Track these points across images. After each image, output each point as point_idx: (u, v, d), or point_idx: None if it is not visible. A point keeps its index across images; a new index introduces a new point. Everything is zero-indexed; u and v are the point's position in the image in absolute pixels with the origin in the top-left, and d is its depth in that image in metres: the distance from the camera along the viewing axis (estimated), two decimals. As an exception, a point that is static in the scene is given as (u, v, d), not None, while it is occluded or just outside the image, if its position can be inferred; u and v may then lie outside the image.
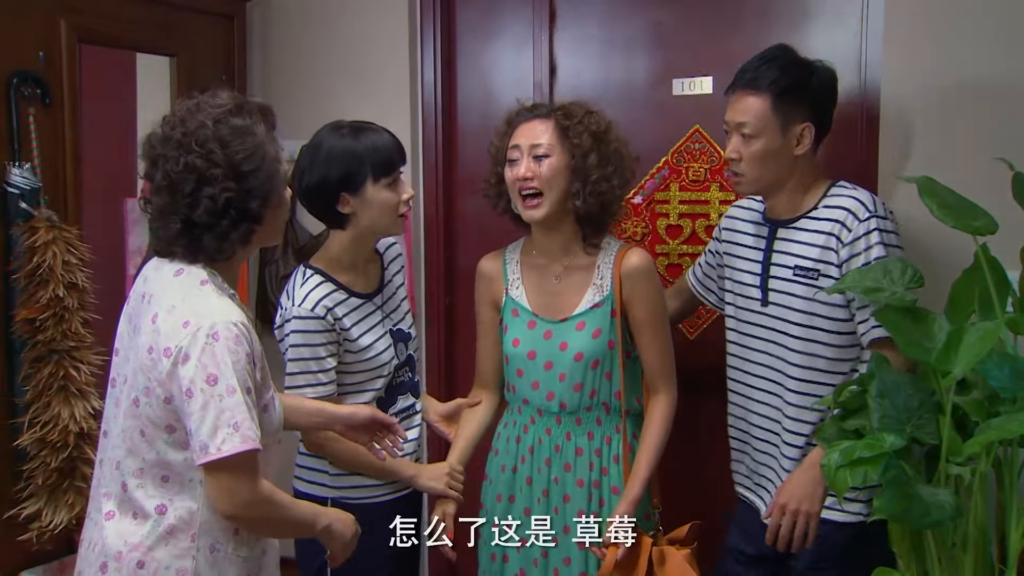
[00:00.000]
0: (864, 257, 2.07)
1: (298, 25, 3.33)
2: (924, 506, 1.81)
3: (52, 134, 2.61)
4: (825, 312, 2.13)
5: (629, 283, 2.23)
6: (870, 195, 2.16)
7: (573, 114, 2.21)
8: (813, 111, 2.15)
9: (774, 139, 2.13)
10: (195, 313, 1.62)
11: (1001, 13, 2.50)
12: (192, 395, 1.58)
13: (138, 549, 1.69)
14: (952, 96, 2.54)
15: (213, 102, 1.70)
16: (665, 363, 2.28)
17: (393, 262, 2.34)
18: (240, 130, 1.67)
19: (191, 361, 1.59)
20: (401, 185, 2.18)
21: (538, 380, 2.27)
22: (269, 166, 1.69)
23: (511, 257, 2.37)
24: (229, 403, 1.58)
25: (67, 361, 2.50)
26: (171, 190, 1.66)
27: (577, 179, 2.18)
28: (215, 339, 1.59)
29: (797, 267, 2.15)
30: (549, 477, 2.27)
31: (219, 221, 1.66)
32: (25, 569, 2.55)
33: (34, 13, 2.57)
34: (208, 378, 1.58)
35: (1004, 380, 1.90)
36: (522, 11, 3.12)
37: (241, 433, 1.58)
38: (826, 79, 2.19)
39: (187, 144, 1.64)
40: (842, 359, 2.15)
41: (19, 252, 2.47)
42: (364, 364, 2.17)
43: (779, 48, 2.19)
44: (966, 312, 2.10)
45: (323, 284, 2.15)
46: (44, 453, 2.48)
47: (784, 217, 2.21)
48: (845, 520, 2.10)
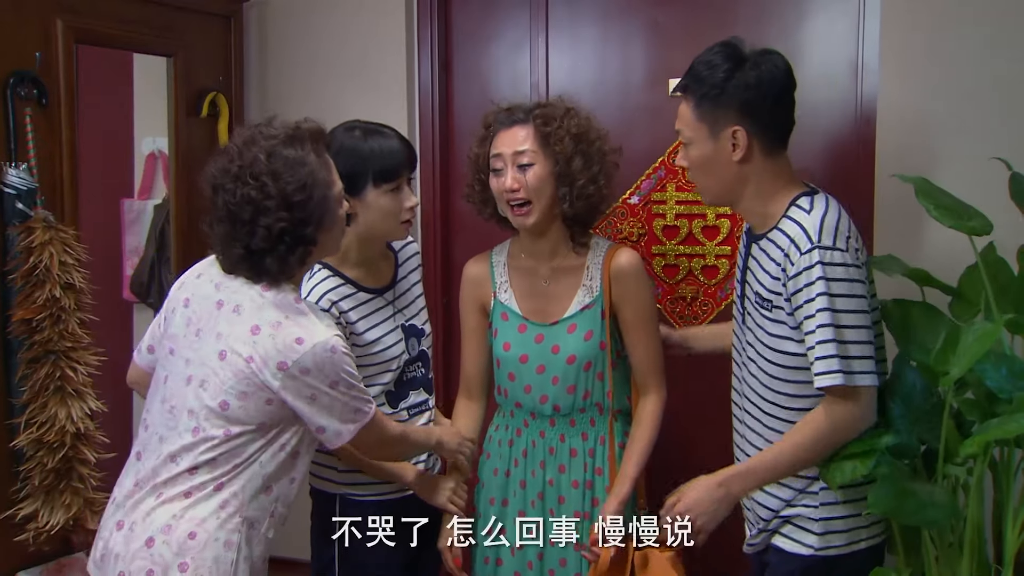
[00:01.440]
0: (806, 294, 1.82)
1: (295, 26, 3.34)
2: (919, 503, 1.81)
3: (49, 134, 2.60)
4: (775, 345, 1.93)
5: (618, 284, 2.23)
6: (820, 218, 1.86)
7: (552, 118, 2.18)
8: (742, 113, 1.89)
9: (705, 146, 1.94)
10: (308, 332, 1.80)
11: (996, 14, 2.51)
12: (316, 399, 1.82)
13: (191, 521, 1.79)
14: (948, 97, 2.55)
15: (267, 132, 1.84)
16: (654, 363, 2.26)
17: (409, 260, 2.35)
18: (292, 162, 1.81)
19: (312, 373, 1.80)
20: (405, 192, 2.16)
21: (531, 384, 2.26)
22: (320, 192, 1.83)
23: (498, 260, 2.35)
24: (350, 396, 1.85)
25: (64, 361, 2.50)
26: (231, 219, 1.81)
27: (563, 184, 2.16)
28: (333, 352, 1.81)
29: (757, 294, 1.96)
30: (544, 480, 2.26)
31: (276, 247, 1.81)
32: (22, 569, 2.55)
33: (31, 13, 2.57)
34: (331, 384, 1.82)
35: (1001, 380, 1.90)
36: (518, 12, 3.13)
37: (361, 413, 1.89)
38: (754, 78, 1.89)
39: (243, 177, 1.79)
40: (804, 395, 1.92)
41: (16, 252, 2.46)
42: (371, 358, 2.18)
43: (715, 45, 1.96)
44: (972, 311, 2.11)
45: (330, 278, 2.16)
46: (41, 454, 2.48)
47: (757, 231, 1.99)
48: (795, 551, 1.97)
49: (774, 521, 2.00)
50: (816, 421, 1.88)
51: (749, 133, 1.90)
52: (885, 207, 2.63)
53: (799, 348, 1.89)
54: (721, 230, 2.93)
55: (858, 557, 1.95)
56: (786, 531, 1.98)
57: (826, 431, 1.87)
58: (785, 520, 1.98)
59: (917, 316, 2.10)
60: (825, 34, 2.78)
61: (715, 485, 1.98)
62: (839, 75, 2.76)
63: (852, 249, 1.86)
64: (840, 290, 1.82)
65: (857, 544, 1.95)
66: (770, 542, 2.02)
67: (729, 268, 2.93)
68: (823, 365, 1.81)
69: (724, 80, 1.90)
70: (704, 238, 2.95)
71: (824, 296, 1.81)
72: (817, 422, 1.88)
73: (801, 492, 1.95)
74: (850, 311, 1.82)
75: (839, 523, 1.94)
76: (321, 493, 2.25)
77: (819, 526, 1.93)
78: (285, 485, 1.89)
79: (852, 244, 1.87)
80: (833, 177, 2.72)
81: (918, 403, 1.95)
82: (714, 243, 2.94)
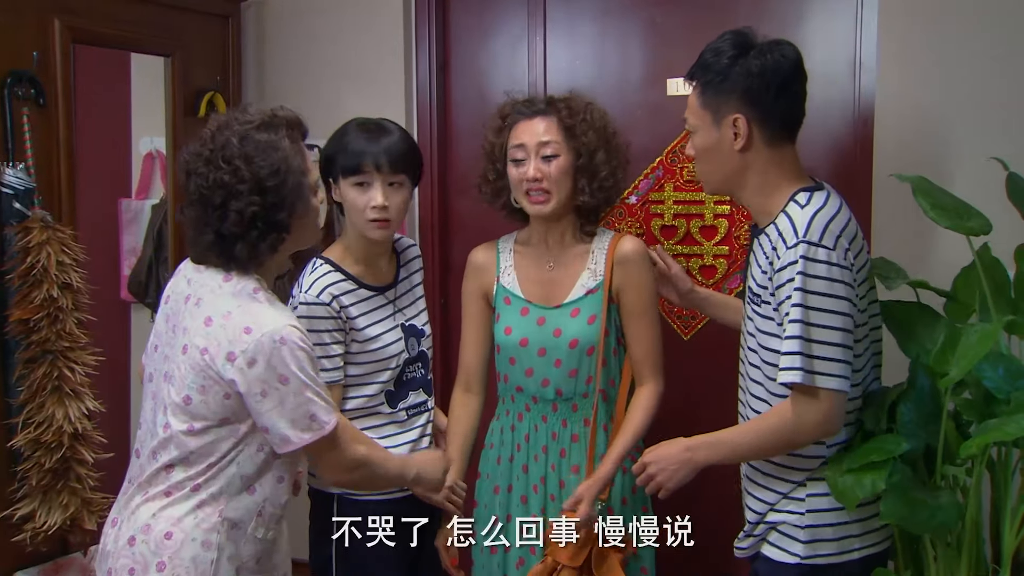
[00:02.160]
0: (786, 290, 1.80)
1: (293, 25, 3.33)
2: (928, 510, 1.81)
3: (46, 134, 2.60)
4: (765, 343, 1.92)
5: (621, 270, 2.23)
6: (812, 214, 1.83)
7: (575, 110, 2.22)
8: (743, 100, 1.88)
9: (708, 133, 1.92)
10: (256, 321, 1.74)
11: (995, 14, 2.51)
12: (267, 395, 1.74)
13: (168, 520, 1.78)
14: (947, 97, 2.55)
15: (242, 118, 1.82)
16: (653, 353, 2.26)
17: (412, 261, 2.36)
18: (264, 145, 1.78)
19: (259, 365, 1.72)
20: (370, 191, 2.14)
21: (532, 367, 2.26)
22: (294, 179, 1.80)
23: (504, 247, 2.36)
24: (303, 399, 1.76)
25: (61, 362, 2.50)
26: (202, 203, 1.78)
27: (583, 176, 2.20)
28: (282, 343, 1.73)
29: (750, 288, 1.96)
30: (546, 465, 2.26)
31: (248, 232, 1.77)
32: (19, 570, 2.55)
33: (28, 12, 2.57)
34: (280, 378, 1.74)
35: (998, 381, 1.90)
36: (516, 11, 3.13)
37: (318, 421, 1.79)
38: (758, 66, 1.87)
39: (215, 160, 1.77)
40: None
41: (13, 252, 2.46)
42: (370, 355, 2.18)
43: (725, 33, 1.96)
44: (967, 312, 2.10)
45: (331, 273, 2.17)
46: (38, 454, 2.48)
47: (761, 224, 1.96)
48: (782, 560, 1.95)
49: (760, 527, 1.99)
50: (780, 413, 1.88)
51: (750, 121, 1.88)
52: (883, 207, 2.63)
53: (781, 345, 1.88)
54: (719, 230, 2.92)
55: (850, 567, 1.92)
56: (773, 539, 1.97)
57: (788, 426, 1.86)
58: (771, 527, 1.97)
59: (918, 316, 2.10)
60: (823, 33, 2.78)
61: (683, 448, 1.97)
62: (838, 74, 2.76)
63: (842, 249, 1.82)
64: (817, 288, 1.79)
65: (849, 553, 1.92)
66: (759, 550, 2.01)
67: (727, 268, 2.93)
68: (787, 361, 1.80)
69: (727, 67, 1.89)
70: (702, 238, 2.95)
71: (800, 292, 1.78)
72: (782, 414, 1.87)
73: (785, 497, 1.94)
74: (823, 310, 1.79)
75: (828, 531, 1.91)
76: (319, 493, 2.24)
77: (805, 534, 1.91)
78: (271, 485, 1.86)
79: (843, 244, 1.83)
80: (831, 176, 2.69)
81: (927, 406, 1.93)
82: (712, 243, 2.94)
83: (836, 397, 1.81)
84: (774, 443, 1.90)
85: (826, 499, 1.89)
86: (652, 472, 1.99)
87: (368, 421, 2.20)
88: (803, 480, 1.92)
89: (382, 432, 2.21)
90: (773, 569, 1.96)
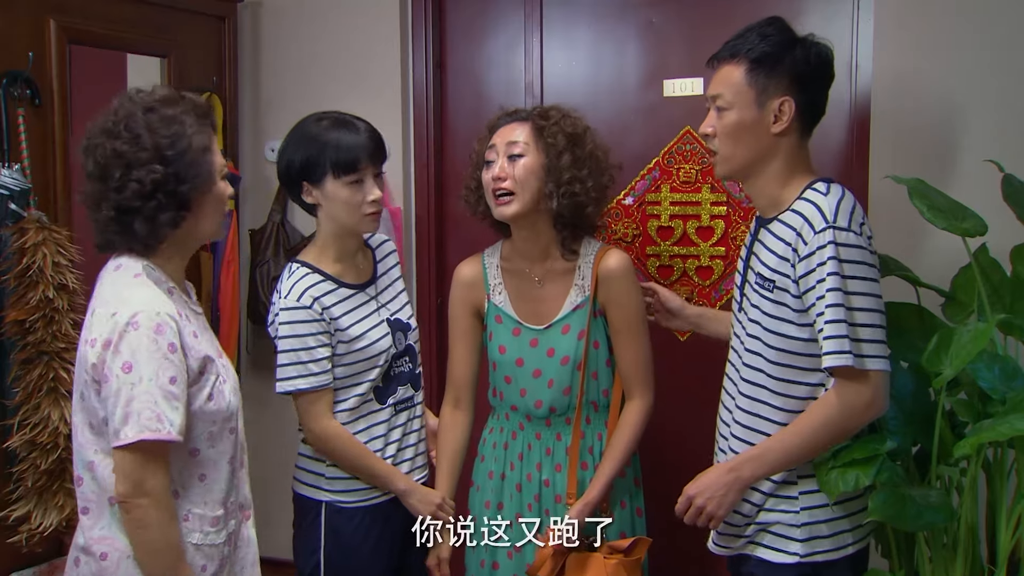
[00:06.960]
0: (818, 275, 1.81)
1: (289, 26, 3.33)
2: (917, 508, 1.81)
3: (42, 135, 2.60)
4: (774, 327, 1.91)
5: (605, 286, 2.23)
6: (836, 201, 1.85)
7: (550, 116, 2.21)
8: (794, 85, 1.90)
9: (748, 111, 1.91)
10: (121, 303, 1.67)
11: (991, 15, 2.51)
12: (108, 381, 1.64)
13: (101, 542, 1.73)
14: (943, 98, 2.55)
15: (147, 93, 1.76)
16: (640, 367, 2.24)
17: (387, 256, 2.34)
18: (169, 118, 1.72)
19: (110, 348, 1.64)
20: (367, 186, 2.14)
21: (526, 388, 2.26)
22: (196, 154, 1.73)
23: (490, 262, 2.35)
24: (139, 391, 1.63)
25: (57, 363, 2.49)
26: (102, 177, 1.71)
27: (551, 179, 2.17)
28: (134, 327, 1.64)
29: (759, 274, 1.94)
30: (540, 480, 2.26)
31: (147, 204, 1.69)
32: (14, 571, 2.54)
33: (23, 13, 2.57)
34: (124, 366, 1.63)
35: (993, 380, 1.91)
36: (513, 12, 3.13)
37: (142, 423, 1.62)
38: (812, 55, 1.93)
39: (116, 131, 1.70)
40: (787, 395, 1.92)
41: (9, 253, 2.46)
42: (357, 354, 2.17)
43: (769, 18, 1.99)
44: (966, 312, 2.11)
45: (309, 275, 2.15)
46: (34, 455, 2.48)
47: (767, 214, 1.97)
48: (781, 561, 1.94)
49: (749, 528, 1.97)
50: (826, 404, 1.86)
51: (797, 106, 1.91)
52: (879, 208, 2.63)
53: (799, 332, 1.87)
54: (715, 231, 2.93)
55: (846, 563, 1.93)
56: (767, 541, 1.96)
57: (836, 415, 1.84)
58: (762, 528, 1.95)
59: (907, 317, 2.10)
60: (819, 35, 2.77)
61: (725, 471, 1.94)
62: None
63: (866, 236, 1.85)
64: (853, 272, 1.80)
65: (844, 549, 1.92)
66: (748, 552, 1.99)
67: (723, 269, 2.93)
68: (832, 345, 1.79)
69: (782, 50, 1.92)
70: (698, 239, 2.95)
71: (836, 276, 1.79)
72: (827, 405, 1.85)
73: (774, 496, 1.93)
74: (862, 294, 1.81)
75: (824, 527, 1.91)
76: (306, 500, 2.22)
77: (802, 532, 1.91)
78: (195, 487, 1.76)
79: (866, 231, 1.86)
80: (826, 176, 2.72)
81: (910, 405, 1.95)
82: (708, 244, 2.94)
83: (883, 377, 1.83)
84: (827, 436, 1.87)
85: (819, 495, 1.90)
86: (700, 504, 1.95)
87: (361, 424, 2.19)
88: (794, 478, 1.92)
89: (373, 433, 2.20)
90: (772, 571, 1.96)
